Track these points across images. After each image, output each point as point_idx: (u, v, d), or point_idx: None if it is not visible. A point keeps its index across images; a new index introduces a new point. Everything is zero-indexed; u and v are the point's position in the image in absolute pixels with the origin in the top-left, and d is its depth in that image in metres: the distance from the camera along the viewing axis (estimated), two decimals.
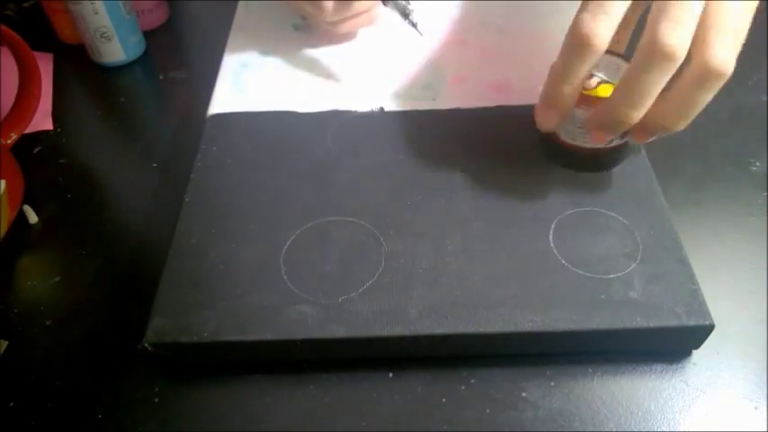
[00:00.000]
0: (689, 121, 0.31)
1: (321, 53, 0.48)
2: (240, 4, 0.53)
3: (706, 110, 0.44)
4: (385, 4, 0.39)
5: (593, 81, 0.35)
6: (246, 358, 0.33)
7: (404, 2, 0.36)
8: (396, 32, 0.50)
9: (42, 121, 0.48)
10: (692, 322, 0.31)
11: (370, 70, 0.46)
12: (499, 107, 0.42)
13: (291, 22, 0.51)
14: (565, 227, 0.35)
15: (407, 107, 0.43)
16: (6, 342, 0.35)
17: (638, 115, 0.30)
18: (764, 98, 0.46)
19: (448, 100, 0.43)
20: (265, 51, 0.48)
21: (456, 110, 0.42)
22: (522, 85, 0.44)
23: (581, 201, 0.36)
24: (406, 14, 0.36)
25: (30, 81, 0.43)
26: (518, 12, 0.51)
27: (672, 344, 0.32)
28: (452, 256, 0.34)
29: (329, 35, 0.48)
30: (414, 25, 0.36)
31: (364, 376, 0.32)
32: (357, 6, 0.40)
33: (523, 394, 0.31)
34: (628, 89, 0.30)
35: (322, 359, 0.33)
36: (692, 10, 0.28)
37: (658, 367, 0.32)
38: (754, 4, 0.30)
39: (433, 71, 0.46)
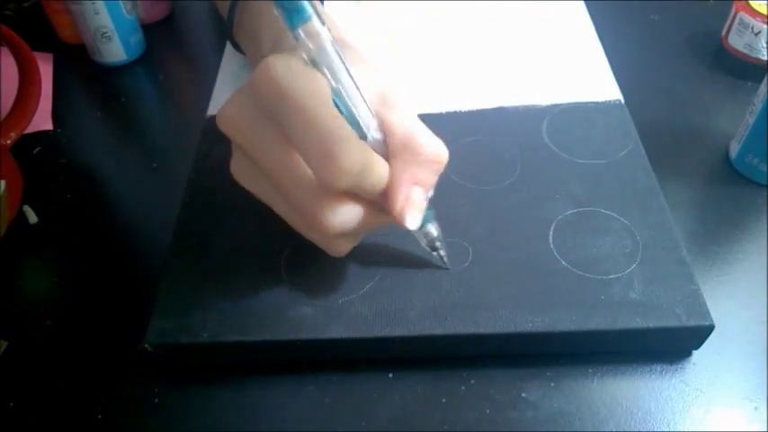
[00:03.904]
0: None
1: None
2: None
3: (707, 110, 0.44)
4: (413, 232, 0.33)
5: None
6: (247, 359, 0.33)
7: (434, 235, 0.32)
8: (392, 37, 0.50)
9: (42, 121, 0.48)
10: (692, 323, 0.31)
11: None
12: (498, 109, 0.42)
13: None
14: (564, 227, 0.35)
15: None
16: (6, 342, 0.35)
17: None
18: None
19: (447, 103, 0.43)
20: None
21: (454, 113, 0.42)
22: (522, 87, 0.44)
23: (581, 201, 0.36)
24: (433, 248, 0.33)
25: (30, 81, 0.43)
26: (515, 13, 0.51)
27: (672, 344, 0.32)
28: (452, 258, 0.34)
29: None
30: (441, 258, 0.33)
31: (364, 377, 0.32)
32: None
33: (523, 395, 0.31)
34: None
35: (322, 360, 0.33)
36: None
37: (658, 368, 0.32)
38: None
39: (431, 74, 0.46)
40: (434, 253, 0.33)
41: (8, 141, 0.42)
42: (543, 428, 0.30)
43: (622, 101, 0.42)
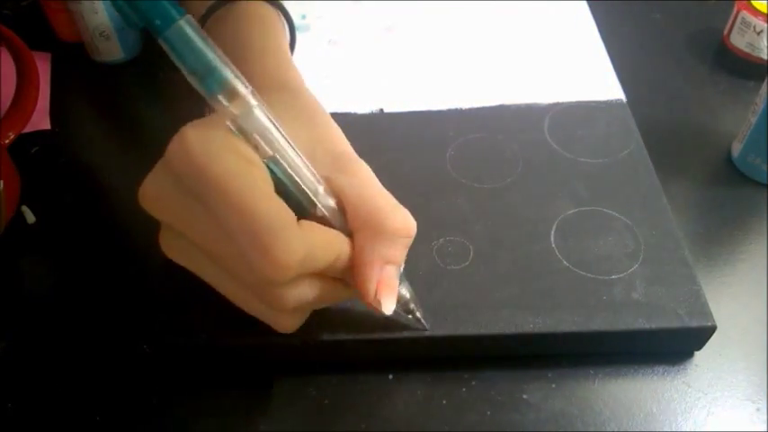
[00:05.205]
0: None
1: (320, 55, 0.48)
2: None
3: (709, 110, 0.44)
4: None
5: None
6: (245, 360, 0.32)
7: (407, 297, 0.30)
8: (394, 34, 0.50)
9: (40, 120, 0.47)
10: (695, 323, 0.31)
11: (369, 72, 0.46)
12: (499, 107, 0.42)
13: None
14: (566, 227, 0.35)
15: (407, 108, 0.43)
16: (4, 343, 0.35)
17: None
18: None
19: (448, 100, 0.43)
20: None
21: (456, 110, 0.42)
22: (524, 85, 0.44)
23: (582, 200, 0.36)
24: (408, 311, 0.30)
25: (28, 80, 0.43)
26: (518, 12, 0.51)
27: (674, 345, 0.32)
28: (452, 257, 0.34)
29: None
30: (419, 320, 0.30)
31: (364, 378, 0.32)
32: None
33: (524, 396, 0.31)
34: None
35: (322, 361, 0.32)
36: None
37: (660, 369, 0.32)
38: None
39: (433, 71, 0.46)
40: (410, 316, 0.30)
41: (6, 141, 0.42)
42: (544, 430, 0.30)
43: (624, 100, 0.42)
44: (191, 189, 0.23)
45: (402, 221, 0.27)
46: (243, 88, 0.23)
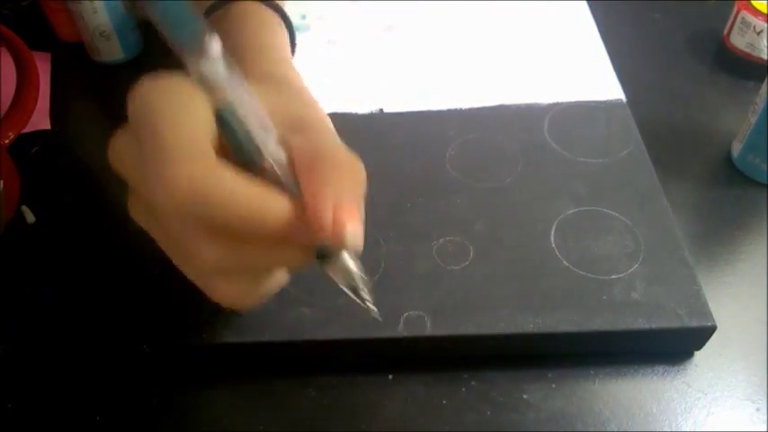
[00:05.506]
0: None
1: (320, 55, 0.48)
2: None
3: (709, 110, 0.43)
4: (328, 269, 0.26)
5: None
6: (245, 360, 0.32)
7: (352, 270, 0.25)
8: (394, 34, 0.50)
9: (40, 120, 0.47)
10: (694, 323, 0.31)
11: (369, 72, 0.46)
12: (499, 107, 0.42)
13: None
14: (566, 227, 0.35)
15: (407, 108, 0.43)
16: (4, 344, 0.35)
17: None
18: None
19: (448, 100, 0.43)
20: None
21: (456, 110, 0.42)
22: (524, 85, 0.44)
23: (582, 200, 0.36)
24: (353, 288, 0.25)
25: (27, 80, 0.42)
26: (518, 12, 0.51)
27: (674, 345, 0.32)
28: (452, 257, 0.34)
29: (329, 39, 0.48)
30: (363, 302, 0.26)
31: (364, 378, 0.32)
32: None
33: (524, 396, 0.31)
34: None
35: (321, 361, 0.32)
36: None
37: (660, 368, 0.32)
38: None
39: (432, 71, 0.46)
40: (353, 295, 0.25)
41: (6, 141, 0.42)
42: (544, 430, 0.30)
43: (624, 100, 0.42)
44: (136, 135, 0.24)
45: (347, 157, 0.24)
46: (208, 37, 0.24)
